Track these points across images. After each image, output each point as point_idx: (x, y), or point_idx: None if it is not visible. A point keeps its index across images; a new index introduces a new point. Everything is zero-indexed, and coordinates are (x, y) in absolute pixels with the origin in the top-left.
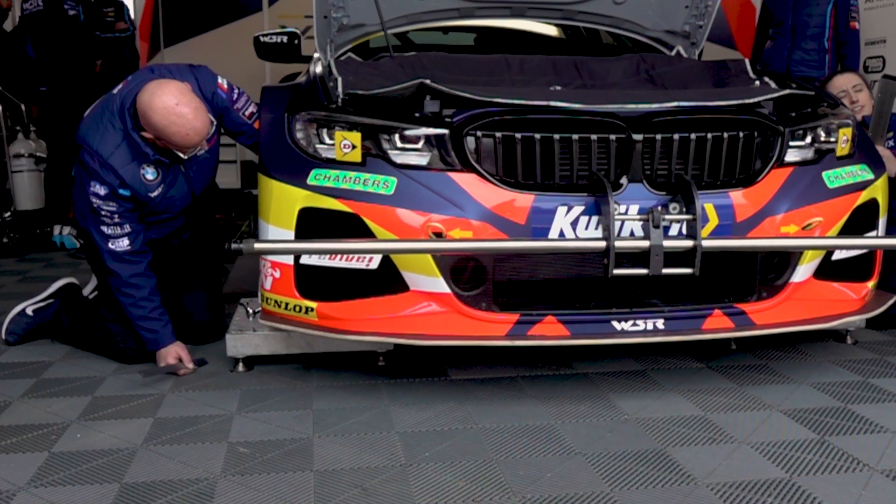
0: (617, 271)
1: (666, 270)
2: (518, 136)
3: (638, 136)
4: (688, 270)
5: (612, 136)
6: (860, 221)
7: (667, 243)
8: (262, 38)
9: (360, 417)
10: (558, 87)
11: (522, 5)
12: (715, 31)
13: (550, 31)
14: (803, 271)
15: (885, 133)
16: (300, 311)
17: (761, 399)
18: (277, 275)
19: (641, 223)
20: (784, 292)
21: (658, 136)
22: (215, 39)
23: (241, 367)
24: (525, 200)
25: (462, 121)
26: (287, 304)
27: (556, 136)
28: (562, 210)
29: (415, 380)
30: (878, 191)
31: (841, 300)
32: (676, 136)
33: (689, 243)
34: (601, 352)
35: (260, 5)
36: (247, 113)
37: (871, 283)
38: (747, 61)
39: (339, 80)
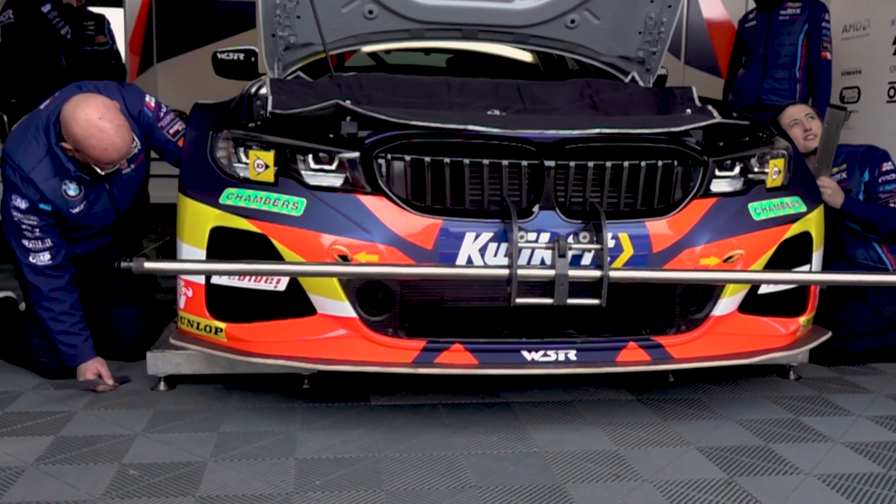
0: (519, 300)
1: (571, 301)
2: (427, 159)
3: (550, 163)
4: (594, 301)
5: (524, 162)
6: (790, 255)
7: (572, 273)
8: (219, 55)
9: (265, 442)
10: (496, 112)
11: (473, 28)
12: (701, 59)
13: (525, 56)
14: (725, 304)
15: (830, 164)
16: (210, 331)
17: (682, 435)
18: (190, 294)
19: (550, 252)
20: (704, 326)
21: (572, 163)
22: (210, 55)
23: (162, 385)
24: (433, 225)
25: (373, 143)
26: (199, 324)
27: (466, 161)
28: (470, 236)
29: (334, 405)
30: (812, 224)
31: (768, 335)
32: (591, 164)
33: (595, 273)
34: (530, 381)
35: (255, 22)
36: (171, 131)
37: (803, 319)
38: (694, 89)
39: (270, 98)
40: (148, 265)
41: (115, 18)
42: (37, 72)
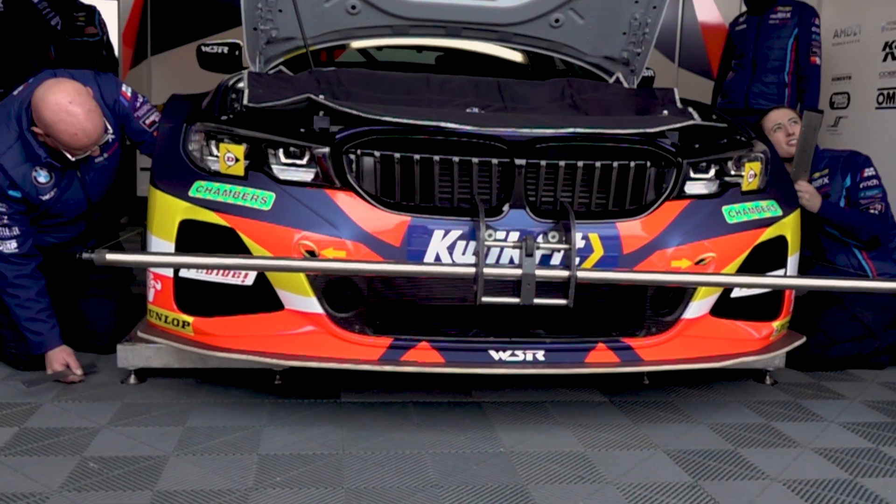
0: (486, 299)
1: (538, 301)
2: (397, 155)
3: (520, 161)
4: (562, 301)
5: (495, 160)
6: (764, 259)
7: (539, 272)
8: (203, 49)
9: (229, 437)
10: (475, 109)
11: (457, 25)
12: (694, 62)
13: (515, 56)
14: (697, 307)
15: (808, 168)
16: (178, 324)
17: (650, 438)
18: (159, 287)
19: (519, 251)
20: (675, 328)
21: (543, 162)
22: None
23: (132, 379)
24: (401, 222)
25: (343, 138)
26: (167, 318)
27: (436, 158)
28: (438, 234)
29: (303, 401)
30: (788, 228)
31: (740, 339)
32: (563, 163)
33: (563, 273)
34: (503, 381)
35: None
36: (147, 122)
37: (777, 323)
38: (676, 91)
39: (246, 91)
40: (110, 257)
41: (109, 11)
42: (30, 64)
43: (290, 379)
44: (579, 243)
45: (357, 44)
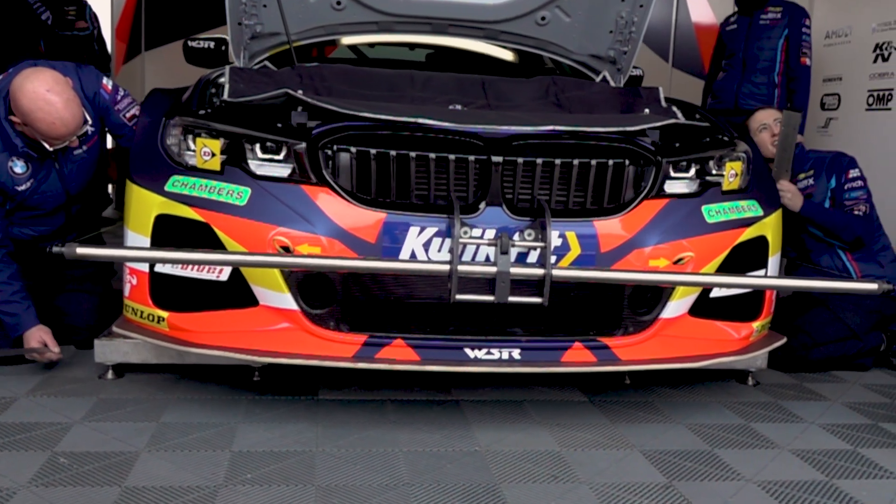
0: (460, 297)
1: (512, 299)
2: (373, 151)
3: (497, 158)
4: (536, 300)
5: (472, 157)
6: (744, 259)
7: (514, 270)
8: (190, 44)
9: (203, 433)
10: (458, 107)
11: (443, 22)
12: (688, 62)
13: (506, 55)
14: (675, 307)
15: (789, 167)
16: (153, 320)
17: (627, 438)
18: (134, 282)
19: (494, 248)
20: (653, 328)
21: (520, 160)
22: None
23: (110, 374)
24: (376, 219)
25: (319, 133)
26: (142, 313)
27: (413, 154)
28: (414, 230)
29: (281, 398)
30: (769, 228)
31: (719, 339)
32: (540, 161)
33: (538, 272)
34: (483, 380)
35: None
36: (128, 115)
37: (757, 324)
38: (661, 90)
39: (227, 86)
40: (80, 251)
41: (102, 5)
42: (19, 59)
43: (268, 375)
44: (556, 241)
45: (347, 41)
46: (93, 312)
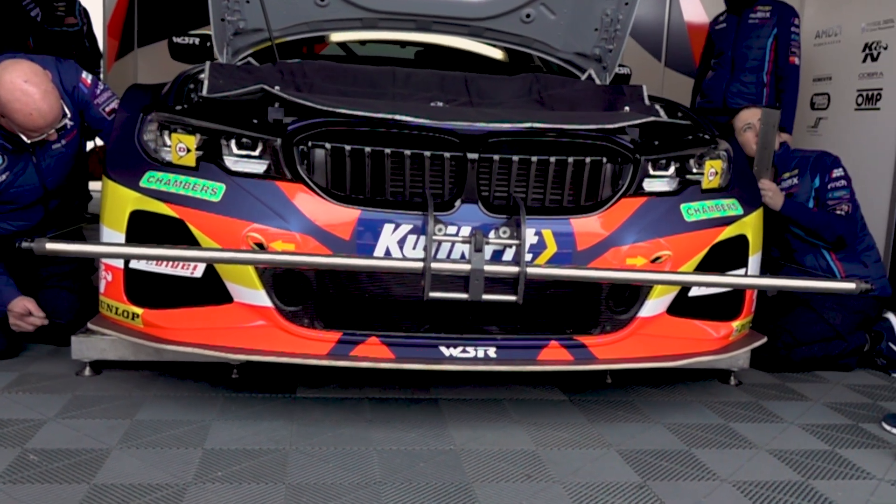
0: (434, 294)
1: (487, 297)
2: (348, 148)
3: (473, 155)
4: (511, 298)
5: (447, 154)
6: (724, 258)
7: (488, 268)
8: (175, 40)
9: (176, 431)
10: (439, 104)
11: (427, 19)
12: (680, 61)
13: (496, 53)
14: (653, 306)
15: (770, 165)
16: (128, 316)
17: (605, 437)
18: (110, 278)
19: (469, 246)
20: (630, 327)
21: (496, 157)
22: None
23: (87, 371)
24: (351, 216)
25: (294, 130)
26: (117, 309)
27: (388, 151)
28: (388, 228)
29: (258, 395)
30: (749, 227)
31: (698, 338)
32: (516, 158)
33: (512, 269)
34: (463, 378)
35: None
36: (107, 109)
37: (737, 323)
38: (644, 88)
39: (206, 82)
40: (49, 246)
41: (95, 2)
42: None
43: (247, 373)
44: (532, 239)
45: (336, 38)
46: (72, 309)
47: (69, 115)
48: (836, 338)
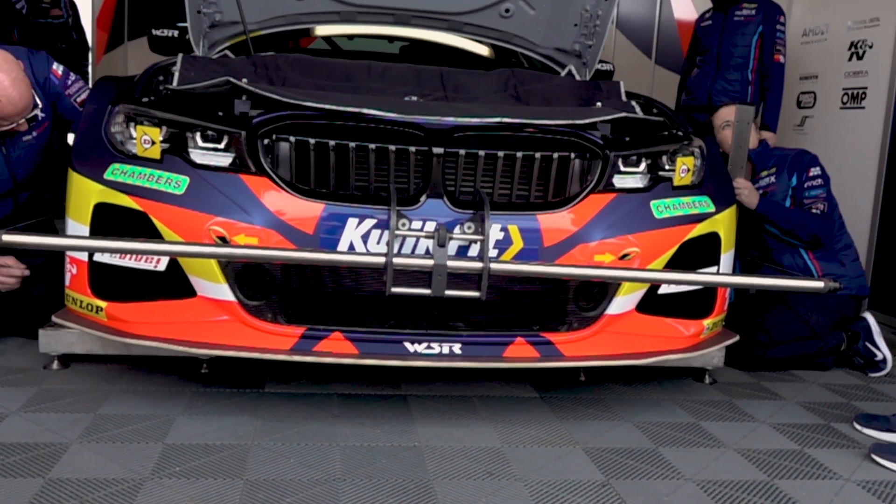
0: (396, 290)
1: (449, 292)
2: (312, 141)
3: (438, 150)
4: (474, 294)
5: (412, 149)
6: (694, 255)
7: (451, 264)
8: (154, 32)
9: (139, 425)
10: (413, 98)
11: (406, 13)
12: (670, 59)
13: (482, 49)
14: (621, 303)
15: (744, 163)
16: (92, 310)
17: (572, 435)
18: (74, 271)
19: (433, 241)
20: (598, 324)
21: (462, 151)
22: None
23: (55, 364)
24: (314, 210)
25: (259, 123)
26: (81, 303)
27: (352, 145)
28: (352, 222)
29: (226, 390)
30: (721, 225)
31: (668, 336)
32: (482, 153)
33: (476, 265)
34: (433, 375)
35: None
36: (79, 100)
37: (708, 321)
38: (622, 84)
39: (177, 74)
40: (6, 238)
41: None
42: None
43: (216, 368)
44: (498, 235)
45: (321, 31)
46: (43, 302)
47: (41, 107)
48: (812, 337)
